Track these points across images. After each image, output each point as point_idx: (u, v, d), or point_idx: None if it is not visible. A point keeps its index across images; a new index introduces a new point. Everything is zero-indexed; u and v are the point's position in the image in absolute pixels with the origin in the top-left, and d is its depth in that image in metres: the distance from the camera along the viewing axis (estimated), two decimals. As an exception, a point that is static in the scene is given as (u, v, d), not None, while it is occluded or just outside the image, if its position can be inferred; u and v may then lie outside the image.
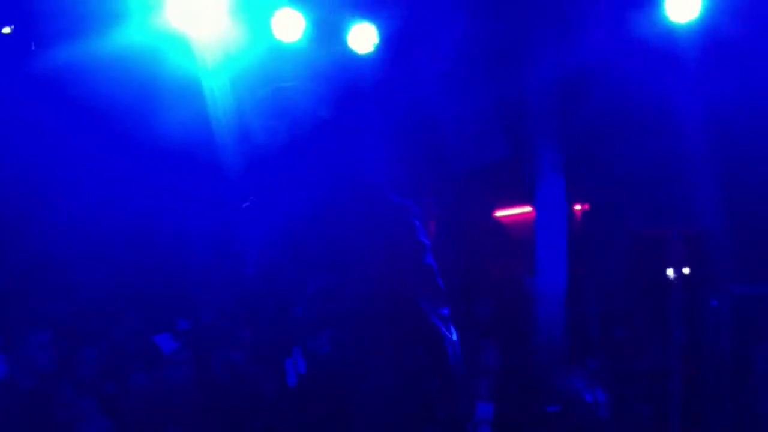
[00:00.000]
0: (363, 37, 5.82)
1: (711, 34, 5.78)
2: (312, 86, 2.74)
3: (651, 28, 5.39)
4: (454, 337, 2.47)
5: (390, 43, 5.95)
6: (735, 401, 6.66)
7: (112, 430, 4.44)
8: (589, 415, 5.61)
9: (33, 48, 4.75)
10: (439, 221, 9.43)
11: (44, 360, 4.09)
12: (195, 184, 7.16)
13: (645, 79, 6.24)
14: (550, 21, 5.57)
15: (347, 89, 6.35)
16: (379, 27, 5.78)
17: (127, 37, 5.25)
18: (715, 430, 6.58)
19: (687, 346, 5.78)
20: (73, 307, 5.89)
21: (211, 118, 6.35)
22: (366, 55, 5.90)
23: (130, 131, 6.13)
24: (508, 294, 7.42)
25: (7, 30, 4.80)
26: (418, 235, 2.54)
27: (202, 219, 7.70)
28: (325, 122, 2.71)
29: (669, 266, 5.89)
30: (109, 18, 4.98)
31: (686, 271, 5.91)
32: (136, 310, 6.00)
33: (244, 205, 2.73)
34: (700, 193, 6.93)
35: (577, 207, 6.30)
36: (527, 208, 5.93)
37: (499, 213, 10.05)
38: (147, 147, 6.25)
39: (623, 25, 5.50)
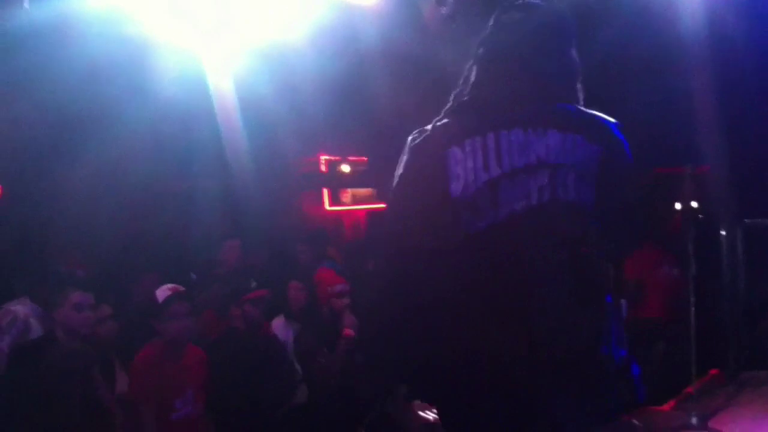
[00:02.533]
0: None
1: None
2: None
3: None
4: None
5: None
6: (752, 336, 6.66)
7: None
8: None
9: (26, 5, 4.71)
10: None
11: (79, 322, 4.18)
12: (198, 146, 7.19)
13: (652, 19, 6.16)
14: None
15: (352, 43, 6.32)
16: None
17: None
18: (733, 366, 6.59)
19: (702, 282, 5.76)
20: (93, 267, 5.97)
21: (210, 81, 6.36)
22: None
23: (129, 91, 6.12)
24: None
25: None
26: None
27: (207, 179, 7.75)
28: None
29: (681, 203, 5.85)
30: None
31: (698, 206, 5.88)
32: (152, 270, 6.06)
33: None
34: (710, 131, 6.88)
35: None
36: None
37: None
38: (148, 109, 6.25)
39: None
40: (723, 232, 6.14)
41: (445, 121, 2.25)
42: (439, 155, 2.14)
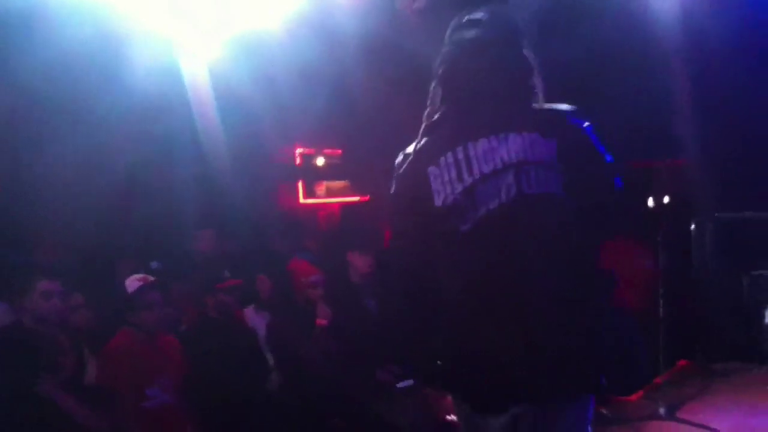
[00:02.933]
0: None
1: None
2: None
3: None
4: None
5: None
6: (724, 329, 6.75)
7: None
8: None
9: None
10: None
11: (48, 310, 4.17)
12: (174, 135, 7.17)
13: (628, 17, 6.22)
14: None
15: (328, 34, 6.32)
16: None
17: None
18: (702, 357, 6.68)
19: (674, 274, 5.85)
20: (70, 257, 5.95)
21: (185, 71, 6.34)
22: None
23: (104, 81, 6.09)
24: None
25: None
26: None
27: (183, 169, 7.72)
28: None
29: (654, 196, 5.94)
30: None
31: (670, 200, 5.96)
32: (127, 258, 6.05)
33: None
34: (683, 125, 6.96)
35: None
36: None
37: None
38: (123, 99, 6.21)
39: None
40: (693, 226, 6.22)
41: (422, 141, 2.52)
42: (421, 176, 2.45)
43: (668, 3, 6.30)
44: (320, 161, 10.53)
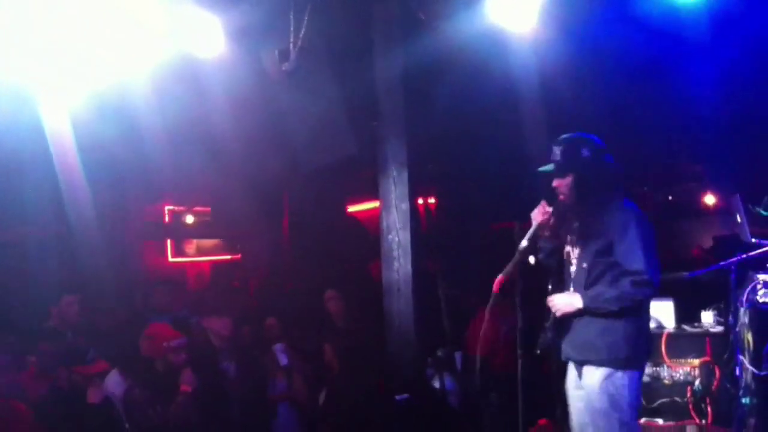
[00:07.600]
0: (208, 38, 5.70)
1: (548, 49, 6.06)
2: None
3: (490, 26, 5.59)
4: None
5: (236, 43, 5.89)
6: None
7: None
8: (437, 402, 5.75)
9: None
10: (293, 217, 9.51)
11: None
12: (33, 191, 6.89)
13: (491, 75, 6.45)
14: (394, 18, 5.68)
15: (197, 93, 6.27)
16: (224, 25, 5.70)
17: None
18: (563, 416, 6.82)
19: (532, 334, 5.97)
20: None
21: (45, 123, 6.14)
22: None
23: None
24: (360, 287, 7.51)
25: None
26: None
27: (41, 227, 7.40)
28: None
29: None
30: None
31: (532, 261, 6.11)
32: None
33: None
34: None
35: (420, 201, 6.41)
36: (377, 203, 6.02)
37: (352, 208, 10.15)
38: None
39: (467, 21, 5.67)
40: (550, 287, 6.37)
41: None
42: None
43: (532, 77, 6.55)
44: (190, 219, 10.35)
